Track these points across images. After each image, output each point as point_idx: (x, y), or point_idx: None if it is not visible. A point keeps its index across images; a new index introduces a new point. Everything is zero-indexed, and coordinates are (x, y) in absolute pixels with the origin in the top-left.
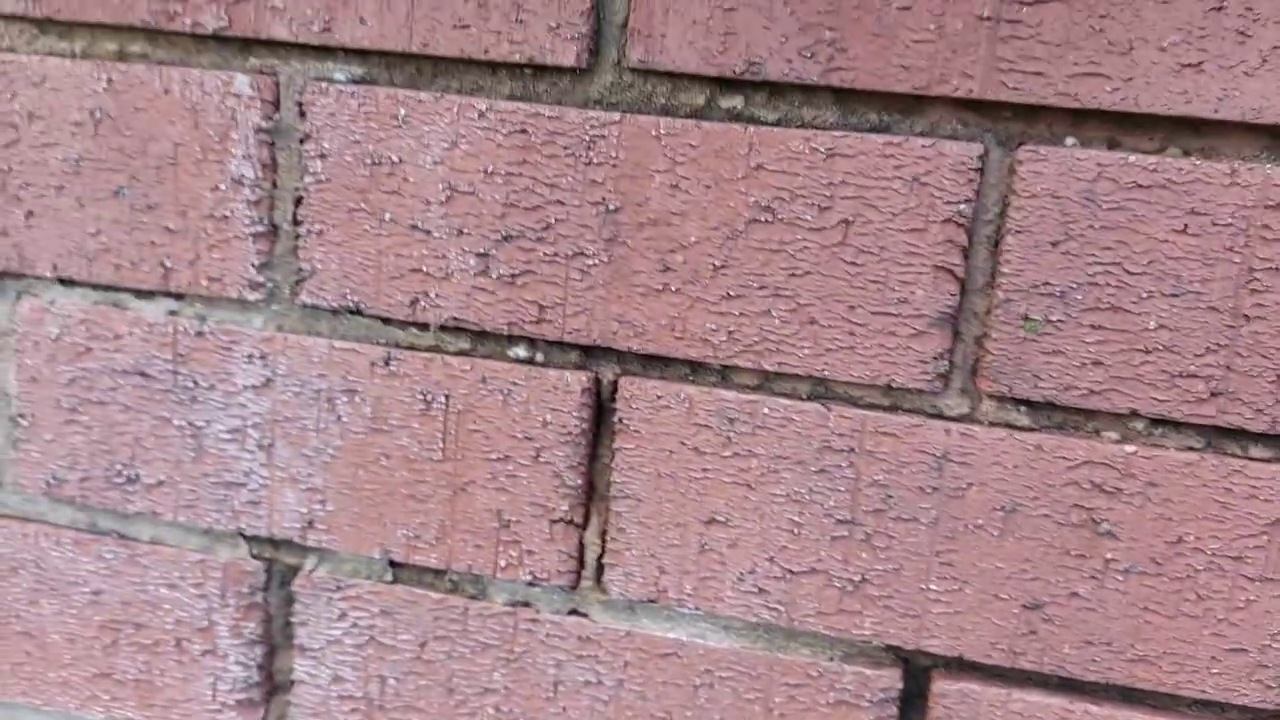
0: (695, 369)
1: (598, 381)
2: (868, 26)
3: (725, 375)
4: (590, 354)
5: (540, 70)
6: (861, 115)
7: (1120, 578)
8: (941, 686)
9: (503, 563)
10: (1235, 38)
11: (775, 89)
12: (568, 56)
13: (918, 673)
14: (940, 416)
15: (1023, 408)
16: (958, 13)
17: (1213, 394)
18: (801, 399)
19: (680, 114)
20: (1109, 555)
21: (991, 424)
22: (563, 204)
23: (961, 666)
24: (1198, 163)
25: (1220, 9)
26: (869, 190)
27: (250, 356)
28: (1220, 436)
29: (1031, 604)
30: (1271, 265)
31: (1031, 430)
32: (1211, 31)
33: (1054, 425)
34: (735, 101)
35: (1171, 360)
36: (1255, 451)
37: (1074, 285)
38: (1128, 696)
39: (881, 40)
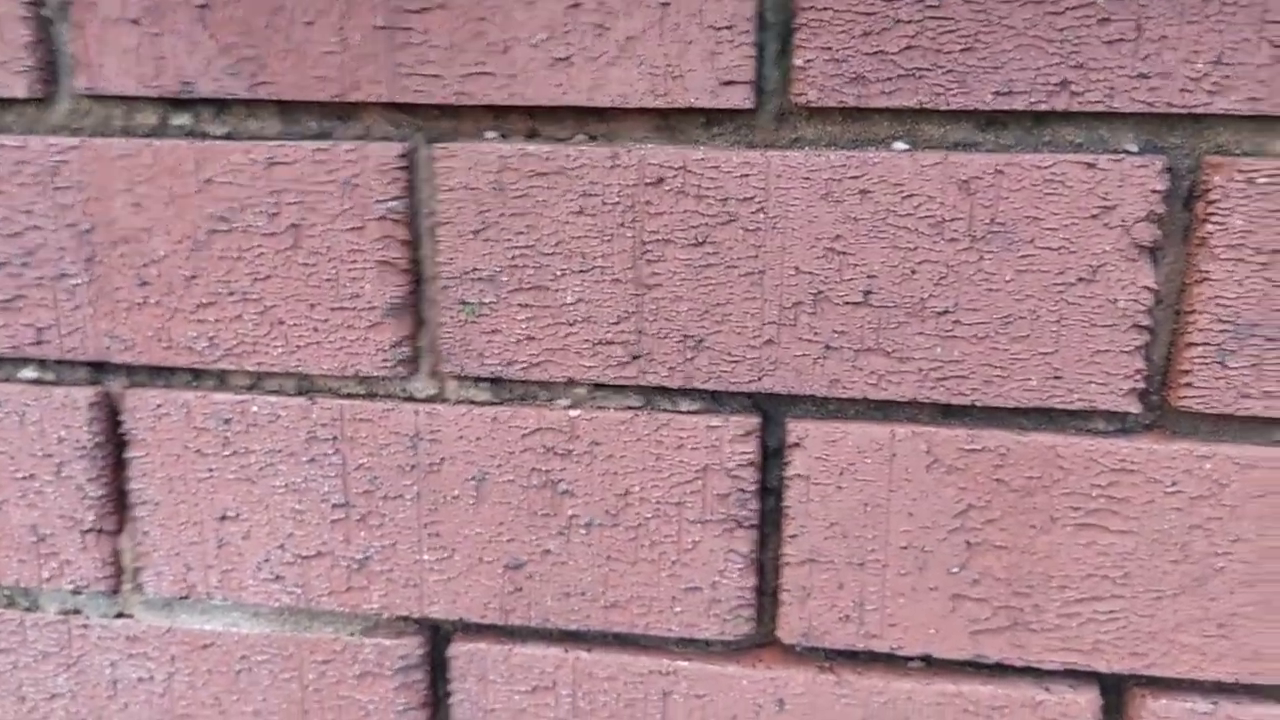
0: (197, 375)
1: (108, 395)
2: (279, 44)
3: (223, 379)
4: (103, 369)
5: (3, 103)
6: (304, 124)
7: (584, 532)
8: (455, 649)
9: (46, 574)
10: (595, 31)
11: (223, 105)
12: (20, 89)
13: (442, 638)
14: (412, 399)
15: (484, 384)
16: (356, 25)
17: (633, 357)
18: (289, 395)
19: (138, 134)
20: (571, 512)
21: (457, 402)
22: (40, 229)
23: (467, 628)
24: (583, 149)
25: (578, 6)
26: (309, 195)
27: None
28: (655, 394)
29: (513, 564)
30: (659, 237)
31: (491, 404)
32: (574, 27)
33: (514, 398)
34: (185, 119)
35: (592, 330)
36: (684, 405)
37: (499, 268)
38: (621, 640)
39: (295, 55)
